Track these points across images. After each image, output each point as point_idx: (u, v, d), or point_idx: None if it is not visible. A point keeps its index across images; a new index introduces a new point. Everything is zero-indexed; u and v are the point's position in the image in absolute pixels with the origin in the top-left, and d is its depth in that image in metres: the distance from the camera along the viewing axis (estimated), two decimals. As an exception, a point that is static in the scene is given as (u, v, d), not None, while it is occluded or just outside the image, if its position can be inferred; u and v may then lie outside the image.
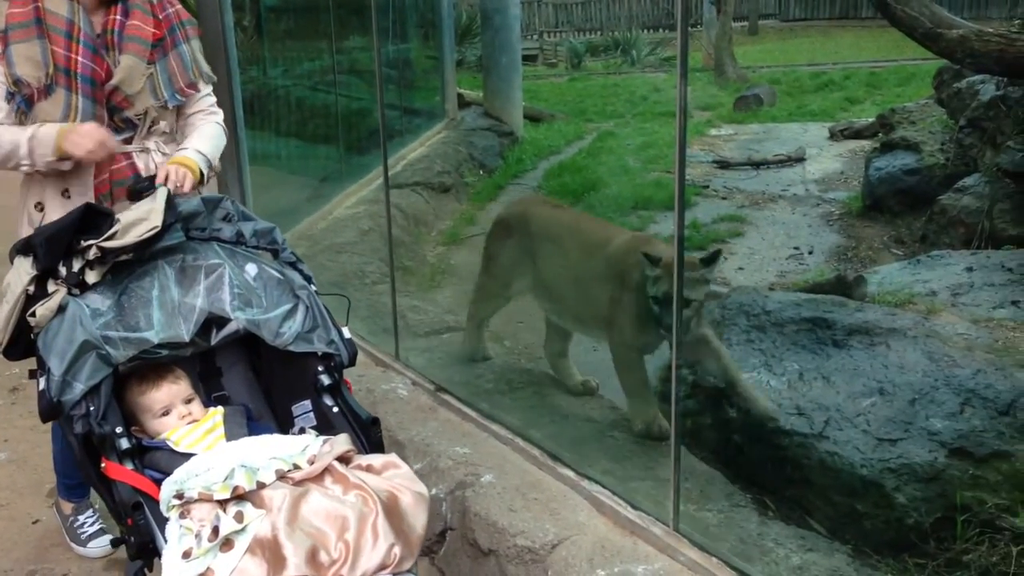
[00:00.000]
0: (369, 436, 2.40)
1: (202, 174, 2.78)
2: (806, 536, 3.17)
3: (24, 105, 2.62)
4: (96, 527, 3.30)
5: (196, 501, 2.01)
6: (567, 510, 2.95)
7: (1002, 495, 3.26)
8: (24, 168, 2.68)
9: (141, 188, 2.52)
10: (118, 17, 2.73)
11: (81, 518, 3.30)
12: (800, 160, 9.62)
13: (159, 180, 2.60)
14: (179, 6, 2.91)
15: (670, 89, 13.98)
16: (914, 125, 8.19)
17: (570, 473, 3.14)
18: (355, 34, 8.05)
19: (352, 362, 2.55)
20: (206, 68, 2.95)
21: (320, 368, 2.48)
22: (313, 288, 2.61)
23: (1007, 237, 5.61)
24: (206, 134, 2.88)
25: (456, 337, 4.70)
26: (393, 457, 2.31)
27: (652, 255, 3.58)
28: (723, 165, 9.56)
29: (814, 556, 2.95)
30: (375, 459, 2.28)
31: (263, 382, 2.63)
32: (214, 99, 2.99)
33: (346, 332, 2.57)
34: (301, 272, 2.63)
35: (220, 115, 2.97)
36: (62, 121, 2.63)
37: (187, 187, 2.66)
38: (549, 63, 19.51)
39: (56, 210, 2.69)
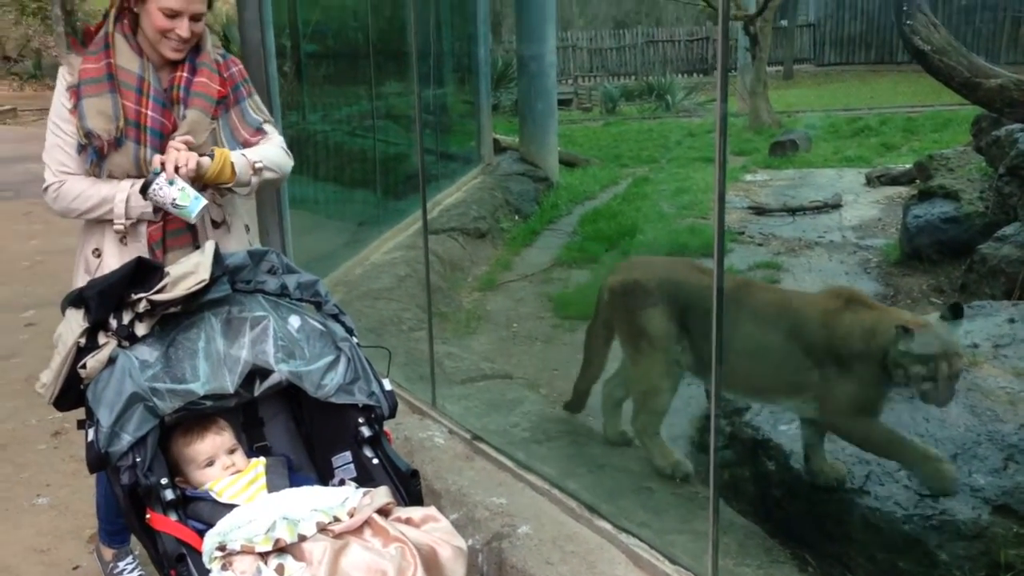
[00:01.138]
0: (408, 488, 2.41)
1: (234, 171, 2.77)
2: (847, 593, 3.12)
3: (95, 157, 2.72)
4: (136, 573, 3.33)
5: (239, 553, 2.03)
6: (604, 563, 2.93)
7: (1048, 554, 3.20)
8: (110, 218, 2.76)
9: (149, 181, 2.56)
10: (185, 75, 2.82)
11: (121, 564, 3.33)
12: (837, 206, 9.58)
13: (156, 164, 2.61)
14: (241, 66, 3.00)
15: (705, 134, 14.07)
16: (952, 172, 8.14)
17: (607, 525, 3.13)
18: (393, 79, 8.18)
19: (392, 414, 2.57)
20: (267, 115, 3.04)
21: (361, 420, 2.51)
22: (355, 340, 2.64)
23: (1050, 288, 5.55)
24: (258, 146, 2.93)
25: (493, 384, 4.71)
26: (432, 510, 2.32)
27: (908, 327, 3.24)
28: (759, 211, 9.54)
29: (856, 615, 2.90)
30: (415, 512, 2.29)
31: (304, 433, 2.66)
32: (278, 134, 3.04)
33: (387, 384, 2.59)
34: (343, 324, 2.66)
35: (278, 139, 3.01)
36: (132, 171, 2.71)
37: (188, 169, 2.60)
38: (584, 107, 19.66)
39: (113, 256, 2.77)
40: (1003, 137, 7.25)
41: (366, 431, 2.50)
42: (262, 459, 2.45)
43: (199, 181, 2.69)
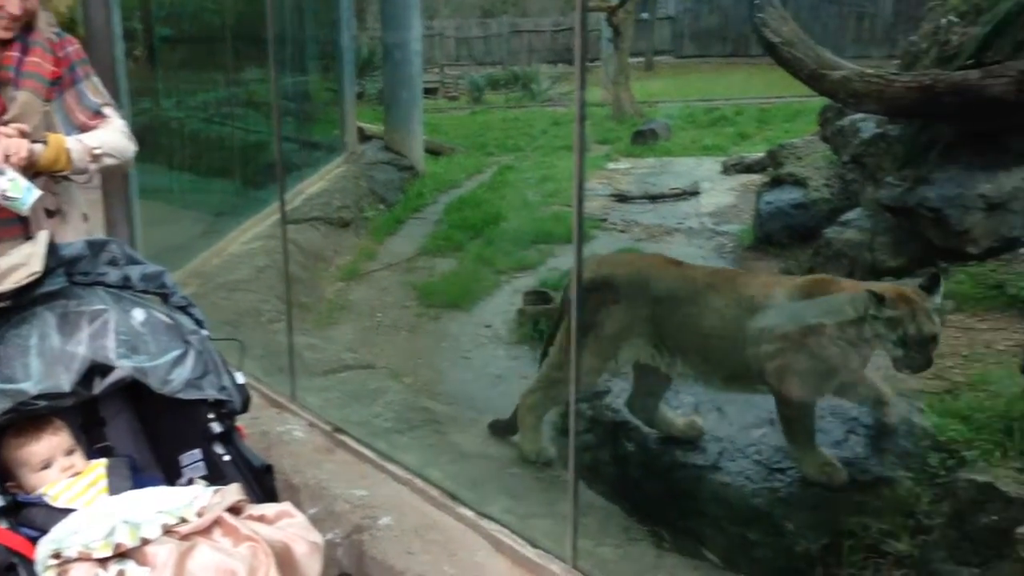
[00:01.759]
0: (262, 484, 2.35)
1: (70, 158, 2.64)
2: (701, 567, 3.23)
3: None
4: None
5: (75, 560, 1.93)
6: (466, 551, 2.94)
7: (884, 520, 3.38)
8: None
9: None
10: (15, 54, 2.66)
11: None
12: (695, 194, 9.86)
13: None
14: (78, 45, 2.85)
15: (569, 123, 14.09)
16: (801, 161, 8.48)
17: (469, 513, 3.14)
18: (252, 66, 7.95)
19: (245, 408, 2.50)
20: (107, 97, 2.89)
21: (211, 415, 2.42)
22: (205, 333, 2.55)
23: (887, 269, 5.85)
24: (97, 130, 2.79)
25: (355, 375, 4.66)
26: (287, 506, 2.26)
27: (878, 293, 3.24)
28: (621, 198, 9.73)
29: (708, 587, 3.00)
30: (268, 508, 2.23)
31: (150, 432, 2.55)
32: (119, 118, 2.90)
33: (239, 377, 2.51)
34: (192, 316, 2.56)
35: (119, 123, 2.88)
36: None
37: (19, 157, 2.48)
38: (450, 96, 19.61)
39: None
40: (847, 127, 7.60)
41: (216, 427, 2.41)
42: (103, 460, 2.34)
43: (31, 169, 2.54)
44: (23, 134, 2.54)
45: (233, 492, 2.20)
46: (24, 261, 2.28)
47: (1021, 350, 3.68)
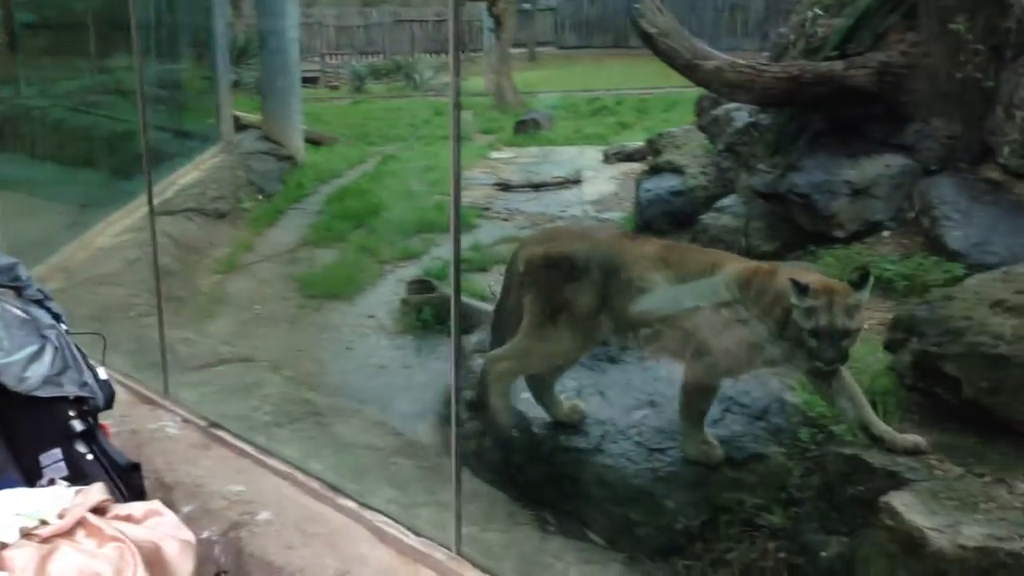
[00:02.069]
0: (129, 483, 2.26)
1: None
2: (584, 548, 3.26)
3: None
4: None
5: (-78, 569, 1.81)
6: (348, 543, 2.89)
7: (759, 495, 3.48)
8: None
9: None
10: None
11: None
12: (577, 182, 9.97)
13: None
14: None
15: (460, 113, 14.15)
16: (679, 149, 8.67)
17: (351, 504, 3.09)
18: (119, 52, 7.63)
19: (109, 405, 2.40)
20: None
21: (72, 413, 2.31)
22: (63, 327, 2.43)
23: (761, 253, 6.03)
24: None
25: (232, 369, 4.53)
26: (156, 504, 2.18)
27: (801, 283, 3.21)
28: (504, 187, 9.76)
29: (591, 568, 3.04)
30: (135, 508, 2.14)
31: (6, 432, 2.41)
32: None
33: (102, 373, 2.41)
34: (49, 310, 2.45)
35: None
36: None
37: None
38: (331, 85, 19.30)
39: None
40: (721, 116, 7.81)
41: (78, 425, 2.31)
42: (-46, 462, 2.21)
43: None
44: None
45: (96, 492, 2.11)
46: None
47: (884, 328, 3.84)
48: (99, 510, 2.09)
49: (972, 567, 2.54)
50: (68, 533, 2.00)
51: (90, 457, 2.28)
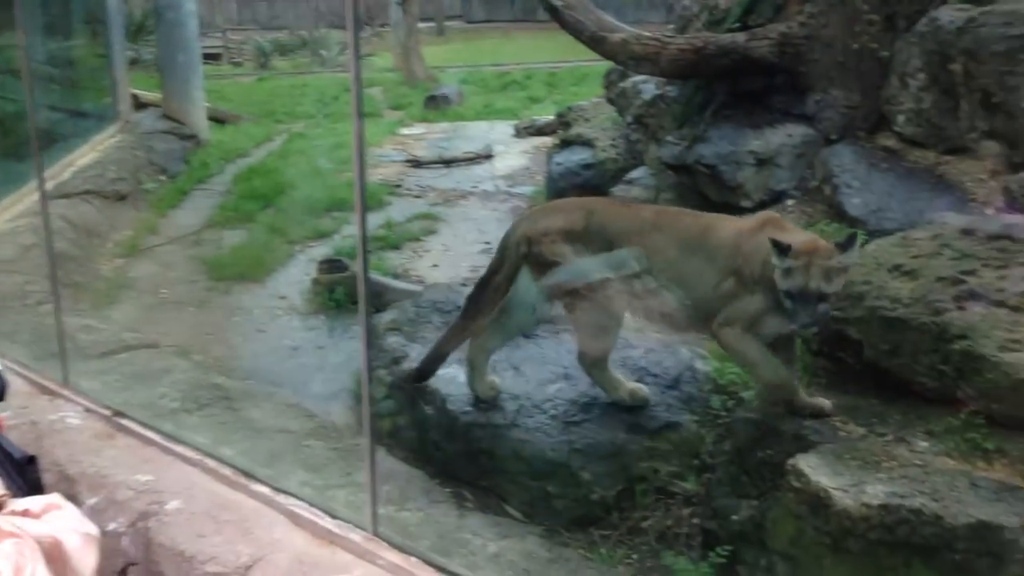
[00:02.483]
0: (25, 477, 2.16)
1: None
2: (502, 523, 3.27)
3: None
4: None
5: None
6: (262, 528, 2.83)
7: (673, 462, 3.54)
8: None
9: None
10: None
11: None
12: (488, 157, 9.94)
13: None
14: None
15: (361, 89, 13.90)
16: (588, 122, 8.71)
17: (265, 489, 3.03)
18: (4, 30, 7.28)
19: (1, 396, 2.29)
20: None
21: (-38, 406, 2.20)
22: (-51, 317, 2.31)
23: (671, 224, 6.11)
24: None
25: (137, 356, 4.40)
26: (55, 498, 2.09)
27: (781, 243, 3.12)
28: (415, 164, 9.67)
29: (509, 542, 3.05)
30: (33, 502, 2.05)
31: None
32: None
33: (-7, 363, 2.30)
34: (-67, 300, 2.32)
35: None
36: None
37: None
38: (234, 62, 18.80)
39: None
40: (629, 89, 7.86)
41: (-31, 419, 2.20)
42: None
43: None
44: None
45: (-10, 488, 2.01)
46: None
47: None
48: (-6, 507, 1.99)
49: (876, 524, 2.63)
50: (-39, 532, 1.90)
51: (-17, 452, 2.17)
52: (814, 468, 2.86)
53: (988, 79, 4.46)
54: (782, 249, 3.09)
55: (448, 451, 3.83)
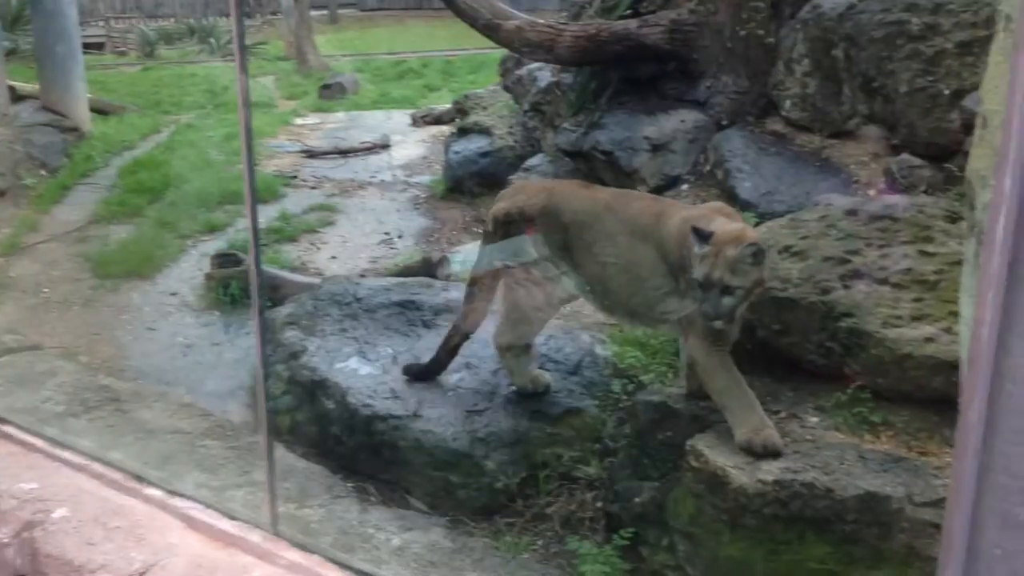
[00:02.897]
0: None
1: None
2: (406, 516, 3.25)
3: None
4: None
5: None
6: (155, 533, 2.74)
7: (575, 448, 3.57)
8: None
9: None
10: None
11: None
12: (386, 147, 9.85)
13: None
14: None
15: (251, 79, 13.60)
16: (485, 110, 8.71)
17: (158, 493, 2.94)
18: None
19: None
20: None
21: None
22: None
23: (569, 211, 6.15)
24: None
25: (19, 359, 4.20)
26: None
27: (702, 230, 2.96)
28: (311, 154, 9.52)
29: (414, 534, 3.02)
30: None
31: None
32: None
33: None
34: None
35: None
36: None
37: None
38: (118, 51, 18.13)
39: None
40: (524, 76, 7.88)
41: None
42: None
43: None
44: None
45: None
46: None
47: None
48: None
49: (771, 499, 2.70)
50: None
51: None
52: (712, 448, 2.92)
53: (868, 64, 4.61)
54: (702, 236, 2.95)
55: (349, 445, 3.78)
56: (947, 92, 4.28)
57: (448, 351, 3.89)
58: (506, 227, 3.63)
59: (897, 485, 2.60)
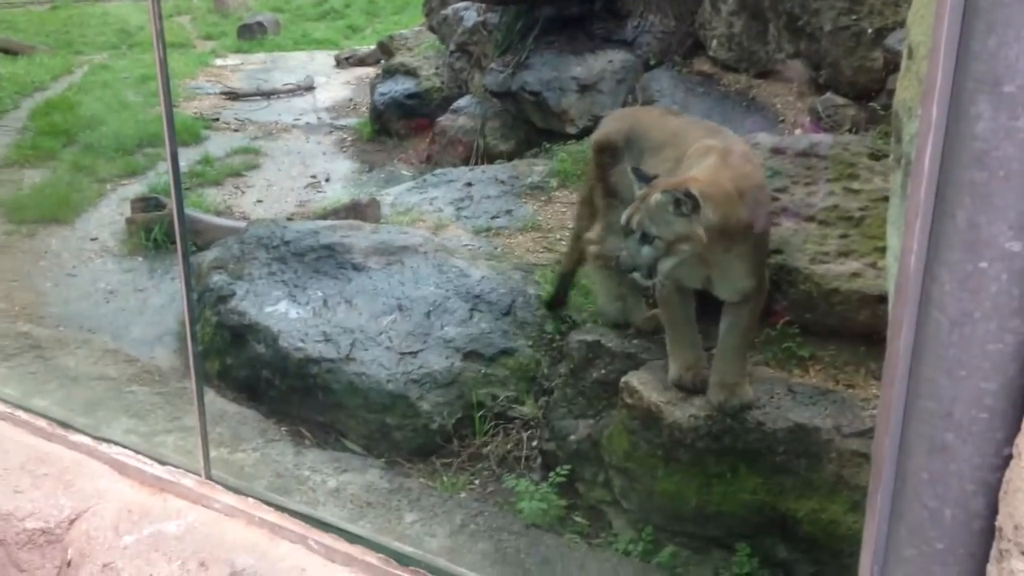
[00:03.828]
0: None
1: None
2: (342, 458, 3.24)
3: None
4: None
5: None
6: (84, 479, 2.68)
7: (510, 388, 3.59)
8: None
9: None
10: None
11: None
12: (310, 89, 9.66)
13: None
14: None
15: (168, 18, 13.15)
16: (411, 51, 8.58)
17: (85, 439, 2.87)
18: None
19: None
20: None
21: None
22: None
23: (498, 152, 6.13)
24: None
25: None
26: None
27: (643, 172, 2.79)
28: (232, 96, 9.29)
29: (350, 476, 3.02)
30: None
31: None
32: None
33: None
34: None
35: None
36: None
37: None
38: (25, -11, 17.31)
39: None
40: (450, 16, 7.76)
41: None
42: None
43: None
44: None
45: None
46: None
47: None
48: None
49: (703, 433, 2.76)
50: None
51: None
52: (645, 384, 2.96)
53: (793, 3, 4.65)
54: (640, 177, 2.80)
55: (282, 389, 3.74)
56: (871, 31, 4.35)
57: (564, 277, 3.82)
58: (599, 154, 3.46)
59: (825, 417, 2.68)
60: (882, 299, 2.78)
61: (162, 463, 2.73)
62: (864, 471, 2.45)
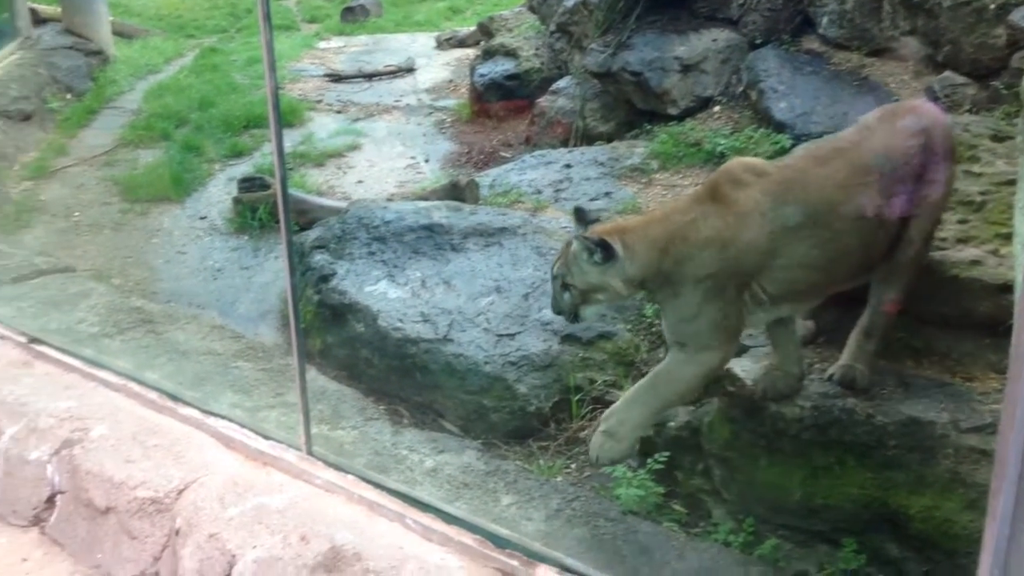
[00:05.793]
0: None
1: None
2: (438, 438, 3.25)
3: None
4: None
5: None
6: (193, 451, 2.76)
7: (608, 372, 3.55)
8: None
9: None
10: None
11: None
12: (411, 70, 9.71)
13: None
14: None
15: (273, 1, 13.40)
16: (511, 32, 8.54)
17: (194, 412, 2.95)
18: None
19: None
20: None
21: None
22: None
23: (598, 134, 6.06)
24: None
25: (52, 280, 4.21)
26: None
27: (583, 211, 2.75)
28: (335, 78, 9.41)
29: (447, 456, 3.02)
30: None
31: None
32: None
33: None
34: None
35: None
36: None
37: None
38: (139, -26, 17.89)
39: None
40: (551, -4, 7.71)
41: None
42: None
43: None
44: None
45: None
46: None
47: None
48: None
49: (809, 425, 2.67)
50: None
51: None
52: (748, 372, 2.89)
53: (912, -21, 4.46)
54: (580, 220, 2.75)
55: (381, 368, 3.79)
56: (993, 6, 4.14)
57: None
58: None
59: (941, 411, 2.56)
60: (1004, 288, 2.64)
61: (266, 438, 2.80)
62: (982, 468, 2.34)
